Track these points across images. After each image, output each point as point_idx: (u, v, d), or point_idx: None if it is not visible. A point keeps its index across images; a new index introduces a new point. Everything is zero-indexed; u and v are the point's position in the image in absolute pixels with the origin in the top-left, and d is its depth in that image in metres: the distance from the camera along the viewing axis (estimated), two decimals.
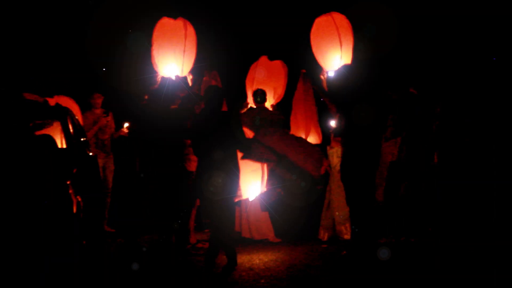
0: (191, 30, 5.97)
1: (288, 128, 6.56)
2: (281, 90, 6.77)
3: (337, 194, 6.41)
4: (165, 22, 5.95)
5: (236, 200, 5.82)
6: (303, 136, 6.41)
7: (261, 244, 6.33)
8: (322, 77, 6.31)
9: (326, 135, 6.63)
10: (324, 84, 6.25)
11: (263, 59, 6.77)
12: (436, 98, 6.38)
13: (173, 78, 5.94)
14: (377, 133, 6.50)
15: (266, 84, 6.71)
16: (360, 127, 5.63)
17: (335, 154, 6.44)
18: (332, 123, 6.47)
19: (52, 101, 5.45)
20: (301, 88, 6.42)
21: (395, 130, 6.44)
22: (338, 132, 6.31)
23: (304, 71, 6.44)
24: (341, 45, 6.08)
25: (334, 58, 6.12)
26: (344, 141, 6.05)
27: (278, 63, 6.77)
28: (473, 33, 7.76)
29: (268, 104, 6.73)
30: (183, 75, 5.99)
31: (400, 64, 7.11)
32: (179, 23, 5.93)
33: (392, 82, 6.48)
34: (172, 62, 5.93)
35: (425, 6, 7.72)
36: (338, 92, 5.87)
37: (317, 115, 6.54)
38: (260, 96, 6.59)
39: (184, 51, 5.91)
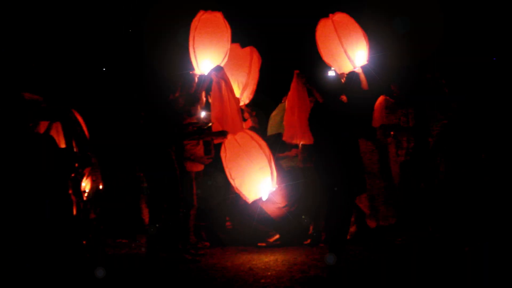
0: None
1: (282, 129, 6.52)
2: (246, 79, 6.46)
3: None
4: (202, 17, 5.97)
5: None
6: (297, 137, 6.36)
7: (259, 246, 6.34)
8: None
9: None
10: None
11: (233, 46, 6.38)
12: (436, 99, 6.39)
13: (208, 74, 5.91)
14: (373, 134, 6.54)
15: (232, 75, 6.31)
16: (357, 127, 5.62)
17: None
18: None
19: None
20: (295, 88, 6.36)
21: (400, 132, 6.46)
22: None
23: (297, 71, 6.38)
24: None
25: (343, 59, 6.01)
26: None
27: (246, 50, 6.41)
28: (476, 33, 7.72)
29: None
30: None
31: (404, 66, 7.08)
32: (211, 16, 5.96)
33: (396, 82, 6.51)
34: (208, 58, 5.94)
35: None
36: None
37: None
38: None
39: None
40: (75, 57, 8.01)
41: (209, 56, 5.97)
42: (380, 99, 6.74)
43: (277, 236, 6.39)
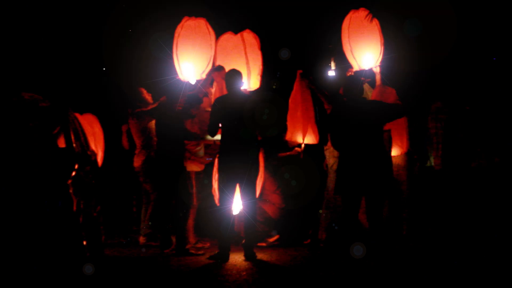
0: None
1: (285, 129, 6.51)
2: (246, 68, 6.32)
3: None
4: (186, 24, 6.08)
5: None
6: (301, 137, 6.36)
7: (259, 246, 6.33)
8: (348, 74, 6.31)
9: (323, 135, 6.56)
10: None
11: (227, 36, 6.43)
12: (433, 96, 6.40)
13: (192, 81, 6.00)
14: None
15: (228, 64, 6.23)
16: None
17: (331, 154, 6.38)
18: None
19: (81, 118, 5.50)
20: (298, 88, 6.35)
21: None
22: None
23: (301, 71, 6.36)
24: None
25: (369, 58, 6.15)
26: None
27: (238, 38, 6.37)
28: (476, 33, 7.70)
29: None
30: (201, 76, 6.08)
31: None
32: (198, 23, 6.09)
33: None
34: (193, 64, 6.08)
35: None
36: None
37: (315, 115, 6.45)
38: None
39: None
40: (74, 57, 8.02)
41: (192, 62, 6.04)
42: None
43: (277, 236, 6.39)
